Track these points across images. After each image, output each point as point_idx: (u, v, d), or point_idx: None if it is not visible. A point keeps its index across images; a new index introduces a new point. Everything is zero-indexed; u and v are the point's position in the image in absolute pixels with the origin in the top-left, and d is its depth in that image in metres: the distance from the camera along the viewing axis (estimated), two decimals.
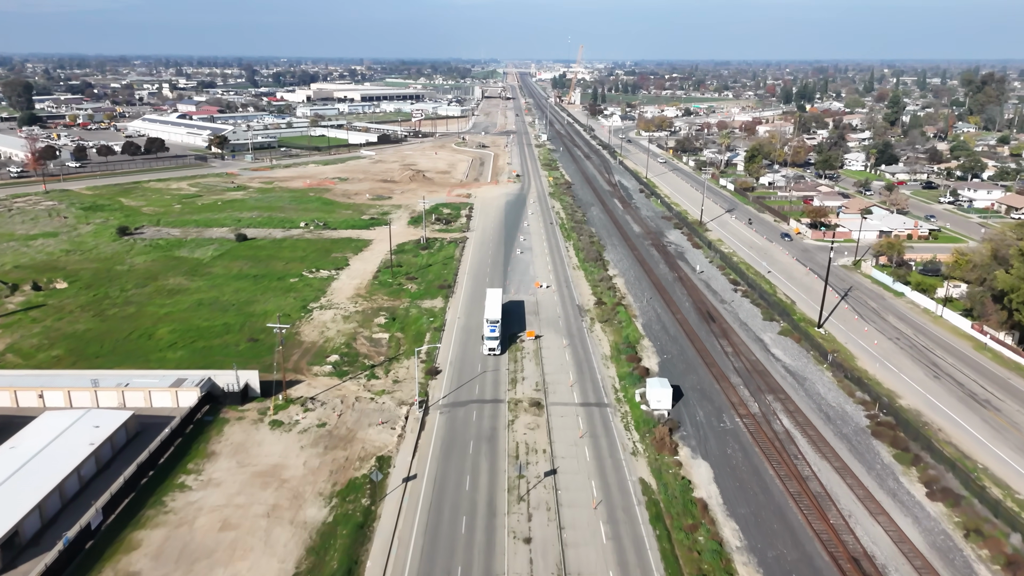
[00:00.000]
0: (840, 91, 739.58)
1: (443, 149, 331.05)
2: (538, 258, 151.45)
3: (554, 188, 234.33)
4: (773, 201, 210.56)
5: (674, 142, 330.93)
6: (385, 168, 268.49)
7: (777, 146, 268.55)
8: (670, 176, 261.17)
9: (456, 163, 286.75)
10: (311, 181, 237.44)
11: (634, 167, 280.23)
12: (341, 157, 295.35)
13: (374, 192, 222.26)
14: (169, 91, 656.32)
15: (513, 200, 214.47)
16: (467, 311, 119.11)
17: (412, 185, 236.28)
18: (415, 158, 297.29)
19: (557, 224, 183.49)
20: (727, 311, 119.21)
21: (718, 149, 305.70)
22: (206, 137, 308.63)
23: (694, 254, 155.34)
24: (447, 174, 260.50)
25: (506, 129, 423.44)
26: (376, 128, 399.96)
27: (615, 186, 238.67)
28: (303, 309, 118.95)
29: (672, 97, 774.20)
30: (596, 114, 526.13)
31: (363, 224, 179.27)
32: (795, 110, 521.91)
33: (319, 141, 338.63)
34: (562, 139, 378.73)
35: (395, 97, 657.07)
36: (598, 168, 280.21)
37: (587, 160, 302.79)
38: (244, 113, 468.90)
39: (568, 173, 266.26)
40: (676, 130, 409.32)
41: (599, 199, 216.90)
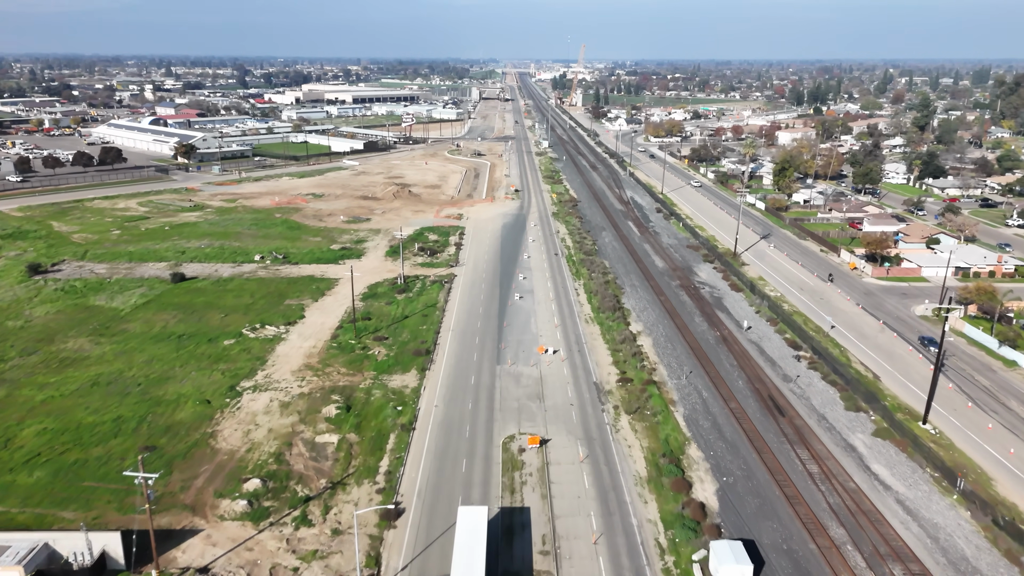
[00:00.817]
0: (851, 92, 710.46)
1: (434, 158, 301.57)
2: (541, 305, 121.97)
3: (558, 206, 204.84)
4: (814, 225, 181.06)
5: (688, 150, 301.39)
6: (367, 181, 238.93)
7: (806, 156, 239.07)
8: (688, 191, 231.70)
9: (448, 175, 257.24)
10: (280, 199, 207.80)
11: (646, 179, 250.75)
12: (320, 168, 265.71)
13: (351, 212, 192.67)
14: (151, 93, 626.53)
15: (511, 223, 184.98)
16: (448, 394, 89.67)
17: (396, 203, 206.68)
18: (402, 169, 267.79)
19: (563, 255, 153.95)
20: (795, 394, 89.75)
21: (739, 159, 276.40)
22: (173, 145, 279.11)
23: (734, 299, 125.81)
24: (437, 189, 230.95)
25: (504, 134, 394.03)
26: (363, 134, 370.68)
27: (628, 204, 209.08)
28: (230, 391, 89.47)
29: (677, 99, 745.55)
30: (600, 117, 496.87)
31: (331, 256, 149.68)
32: (811, 113, 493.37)
33: (299, 149, 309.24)
34: (565, 145, 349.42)
35: (388, 99, 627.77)
36: (606, 181, 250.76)
37: (593, 171, 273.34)
38: (224, 117, 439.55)
39: (573, 187, 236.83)
40: (687, 135, 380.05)
41: (611, 221, 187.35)
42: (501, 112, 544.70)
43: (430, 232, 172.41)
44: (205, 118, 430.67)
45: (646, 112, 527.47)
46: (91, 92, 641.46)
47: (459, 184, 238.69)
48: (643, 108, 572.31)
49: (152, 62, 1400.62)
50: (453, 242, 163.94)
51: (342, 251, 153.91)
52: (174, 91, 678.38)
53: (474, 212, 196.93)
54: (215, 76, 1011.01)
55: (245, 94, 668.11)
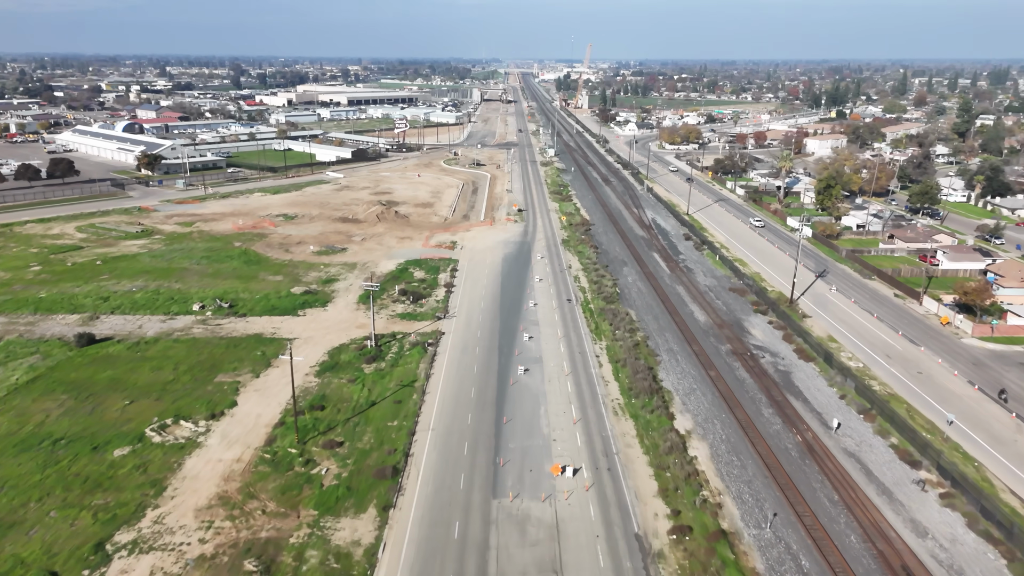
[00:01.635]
0: (868, 93, 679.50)
1: (429, 168, 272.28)
2: (553, 384, 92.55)
3: (569, 232, 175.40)
4: (877, 259, 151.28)
5: (711, 161, 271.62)
6: (350, 199, 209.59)
7: (848, 169, 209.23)
8: (717, 211, 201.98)
9: (442, 190, 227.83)
10: (244, 222, 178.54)
11: (667, 196, 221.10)
12: (298, 182, 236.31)
13: (324, 240, 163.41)
14: (136, 95, 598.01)
15: (514, 253, 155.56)
16: (419, 564, 60.19)
17: (379, 227, 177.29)
18: (391, 183, 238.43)
19: (578, 302, 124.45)
20: (937, 559, 60.13)
21: (770, 171, 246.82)
22: (138, 155, 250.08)
23: (806, 374, 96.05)
24: (428, 208, 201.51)
25: (506, 140, 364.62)
26: (353, 140, 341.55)
27: (650, 228, 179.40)
28: (96, 553, 60.22)
29: (687, 100, 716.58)
30: (608, 121, 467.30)
31: (290, 305, 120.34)
32: (833, 116, 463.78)
33: (280, 158, 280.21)
34: (572, 153, 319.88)
35: (385, 100, 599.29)
36: (621, 197, 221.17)
37: (606, 184, 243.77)
38: (206, 121, 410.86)
39: (584, 206, 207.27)
40: (705, 142, 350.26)
41: (632, 252, 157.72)
42: (503, 115, 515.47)
43: (416, 267, 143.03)
44: (187, 122, 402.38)
45: (657, 115, 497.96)
46: (76, 93, 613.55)
47: (454, 202, 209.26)
48: (653, 111, 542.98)
49: (151, 62, 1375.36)
50: (443, 281, 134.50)
51: (305, 296, 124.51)
52: (162, 92, 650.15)
53: (470, 239, 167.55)
54: (210, 76, 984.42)
55: (236, 95, 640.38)
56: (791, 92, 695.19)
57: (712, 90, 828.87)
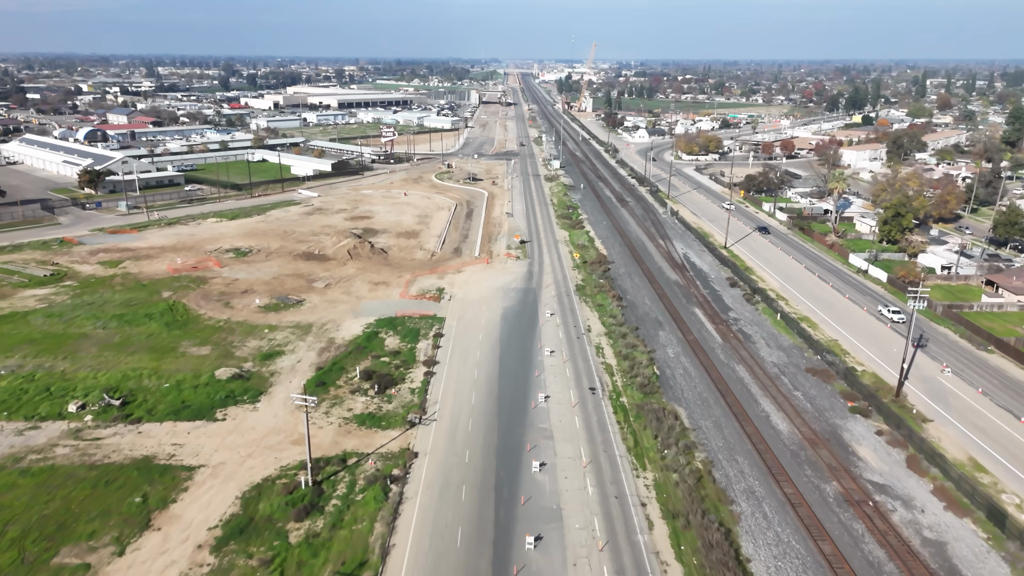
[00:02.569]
0: (884, 95, 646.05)
1: (418, 184, 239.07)
2: (581, 569, 59.39)
3: (583, 273, 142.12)
4: (981, 316, 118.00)
5: (738, 174, 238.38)
6: (320, 226, 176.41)
7: (914, 191, 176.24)
8: (759, 243, 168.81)
9: (431, 213, 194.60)
10: (184, 260, 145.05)
11: (695, 221, 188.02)
12: (263, 203, 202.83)
13: (278, 287, 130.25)
14: (115, 97, 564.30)
15: (516, 307, 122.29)
16: None
17: (350, 268, 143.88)
18: (372, 203, 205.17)
19: (604, 393, 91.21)
20: None
21: (813, 189, 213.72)
22: (80, 171, 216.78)
23: (973, 551, 62.76)
24: (413, 239, 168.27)
25: (506, 149, 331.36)
26: (337, 150, 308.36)
27: (683, 269, 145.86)
28: None
29: (694, 103, 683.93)
30: (615, 126, 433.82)
31: (209, 399, 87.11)
32: (859, 121, 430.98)
33: (255, 170, 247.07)
34: (579, 165, 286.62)
35: (378, 103, 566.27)
36: (642, 222, 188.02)
37: (621, 206, 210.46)
38: (179, 127, 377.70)
39: (599, 235, 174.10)
40: (725, 151, 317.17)
41: (666, 305, 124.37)
42: (503, 119, 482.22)
43: (389, 331, 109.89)
44: (158, 128, 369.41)
45: (667, 120, 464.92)
46: (54, 95, 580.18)
47: (444, 229, 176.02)
48: (662, 114, 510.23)
49: (144, 62, 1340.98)
50: (423, 354, 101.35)
51: (232, 384, 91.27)
52: (141, 95, 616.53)
53: (461, 284, 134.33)
54: (201, 77, 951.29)
55: (222, 97, 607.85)
56: (805, 94, 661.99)
57: (720, 92, 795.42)
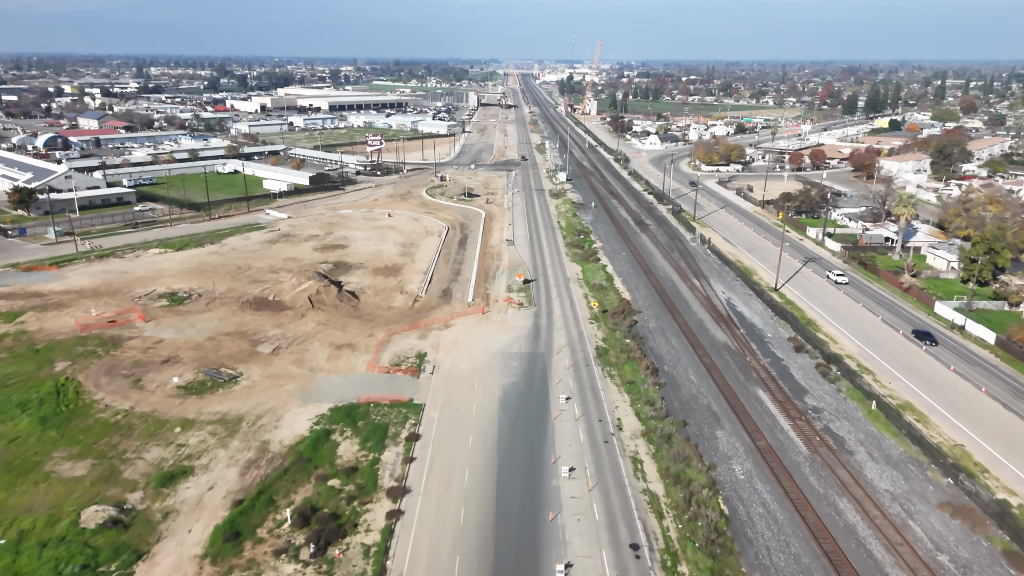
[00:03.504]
0: (901, 97, 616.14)
1: (406, 201, 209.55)
2: None
3: (604, 328, 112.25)
4: None
5: (766, 188, 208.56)
6: (283, 259, 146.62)
7: (990, 215, 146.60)
8: (815, 284, 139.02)
9: (418, 240, 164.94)
10: (102, 312, 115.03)
11: (732, 252, 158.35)
12: (220, 229, 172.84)
13: (212, 353, 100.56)
14: (92, 99, 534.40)
15: (518, 388, 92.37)
16: None
17: (308, 322, 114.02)
18: (350, 226, 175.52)
19: (656, 561, 61.45)
20: None
21: (865, 211, 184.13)
22: (9, 189, 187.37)
23: None
24: (393, 277, 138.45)
25: (506, 158, 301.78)
26: (320, 160, 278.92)
27: (730, 324, 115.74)
28: None
29: (702, 105, 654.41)
30: (622, 131, 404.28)
31: (57, 571, 57.71)
32: (886, 126, 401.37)
33: (217, 185, 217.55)
34: (588, 178, 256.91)
35: (371, 106, 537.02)
36: (668, 252, 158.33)
37: (641, 231, 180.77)
38: (151, 133, 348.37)
39: (618, 270, 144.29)
40: (748, 160, 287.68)
41: (719, 385, 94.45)
42: (502, 124, 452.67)
43: (346, 428, 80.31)
44: (128, 134, 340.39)
45: (677, 124, 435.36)
46: (34, 96, 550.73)
47: (432, 264, 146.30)
48: (670, 118, 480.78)
49: (139, 62, 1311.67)
50: (387, 475, 71.75)
51: (99, 538, 61.62)
52: (126, 96, 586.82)
53: (449, 346, 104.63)
54: (194, 77, 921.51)
55: (209, 99, 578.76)
56: (819, 96, 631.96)
57: (728, 93, 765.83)
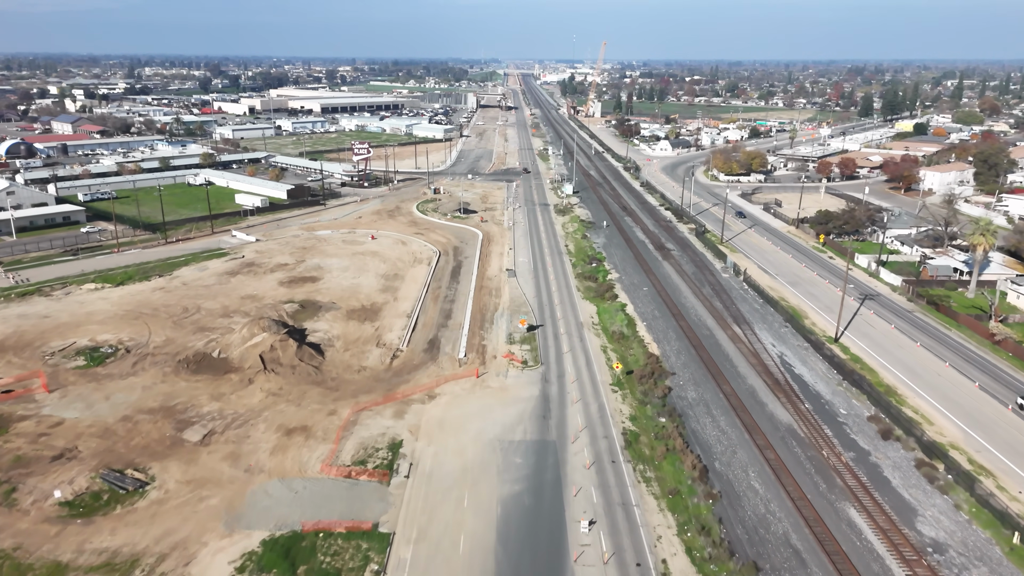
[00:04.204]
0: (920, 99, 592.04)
1: (394, 219, 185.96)
2: None
3: (633, 404, 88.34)
4: None
5: (806, 209, 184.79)
6: (240, 297, 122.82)
7: None
8: (881, 329, 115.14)
9: (403, 271, 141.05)
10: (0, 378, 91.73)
11: (774, 287, 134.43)
12: (173, 257, 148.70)
13: (121, 440, 76.75)
14: (72, 100, 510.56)
15: (523, 504, 68.33)
16: None
17: (256, 393, 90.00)
18: (326, 253, 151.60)
19: None
20: None
21: (920, 234, 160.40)
22: None
23: None
24: (370, 319, 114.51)
25: (505, 166, 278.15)
26: (303, 168, 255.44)
27: (790, 394, 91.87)
28: None
29: (709, 106, 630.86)
30: (629, 134, 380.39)
31: None
32: (910, 130, 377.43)
33: (187, 199, 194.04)
34: (597, 190, 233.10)
35: (365, 108, 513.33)
36: (697, 286, 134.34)
37: (663, 257, 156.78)
38: (125, 139, 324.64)
39: (641, 312, 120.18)
40: (770, 169, 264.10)
41: (791, 498, 70.96)
42: (502, 127, 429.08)
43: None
44: (100, 140, 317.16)
45: (687, 127, 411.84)
46: (13, 97, 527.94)
47: (418, 301, 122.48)
48: (678, 120, 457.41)
49: (134, 62, 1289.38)
50: None
51: None
52: (111, 97, 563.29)
53: (432, 431, 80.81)
54: (186, 78, 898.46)
55: (199, 100, 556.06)
56: (831, 97, 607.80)
57: (735, 94, 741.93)
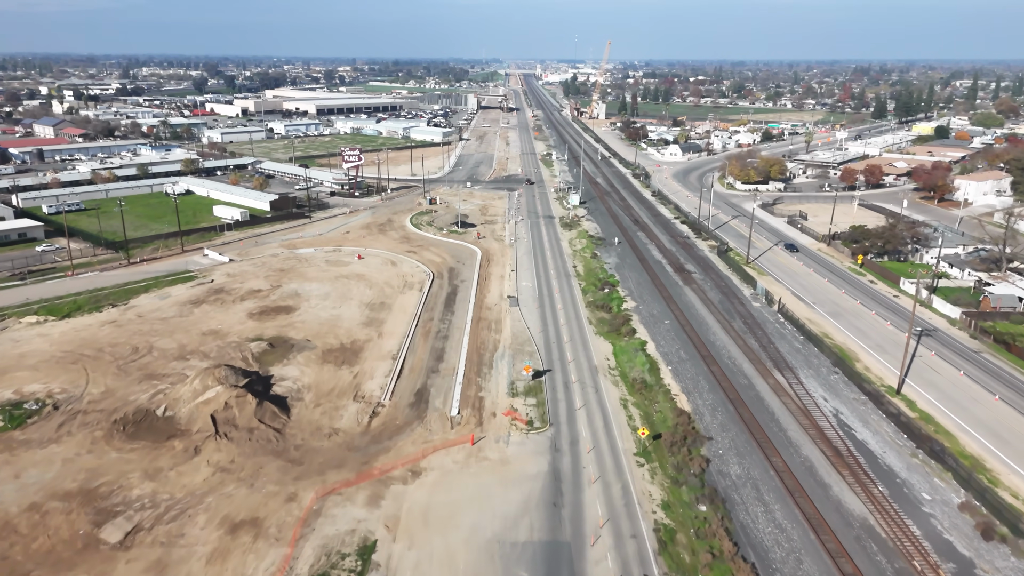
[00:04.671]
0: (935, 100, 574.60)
1: (384, 235, 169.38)
2: None
3: (664, 483, 71.52)
4: None
5: (836, 224, 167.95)
6: (200, 332, 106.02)
7: None
8: (948, 376, 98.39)
9: (391, 298, 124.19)
10: None
11: (814, 320, 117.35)
12: (134, 281, 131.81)
13: (23, 541, 60.05)
14: (60, 102, 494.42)
15: None
16: None
17: (201, 470, 72.82)
18: (306, 275, 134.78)
19: None
20: None
21: (970, 256, 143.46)
22: None
23: None
24: (348, 363, 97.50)
25: (507, 173, 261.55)
26: (291, 176, 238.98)
27: (857, 471, 75.08)
28: None
29: (715, 107, 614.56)
30: (636, 138, 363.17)
31: None
32: (931, 133, 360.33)
33: (160, 210, 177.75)
34: (605, 200, 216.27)
35: (362, 109, 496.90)
36: (725, 319, 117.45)
37: (683, 282, 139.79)
38: (106, 144, 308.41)
39: (664, 351, 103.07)
40: (789, 177, 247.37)
41: None
42: (503, 130, 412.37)
43: None
44: (80, 144, 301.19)
45: (696, 130, 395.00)
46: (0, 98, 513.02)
47: (406, 338, 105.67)
48: (687, 123, 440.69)
49: (133, 62, 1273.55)
50: None
51: None
52: (101, 99, 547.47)
53: (414, 524, 64.07)
54: (183, 78, 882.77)
55: (192, 101, 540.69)
56: (841, 98, 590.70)
57: (742, 95, 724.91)
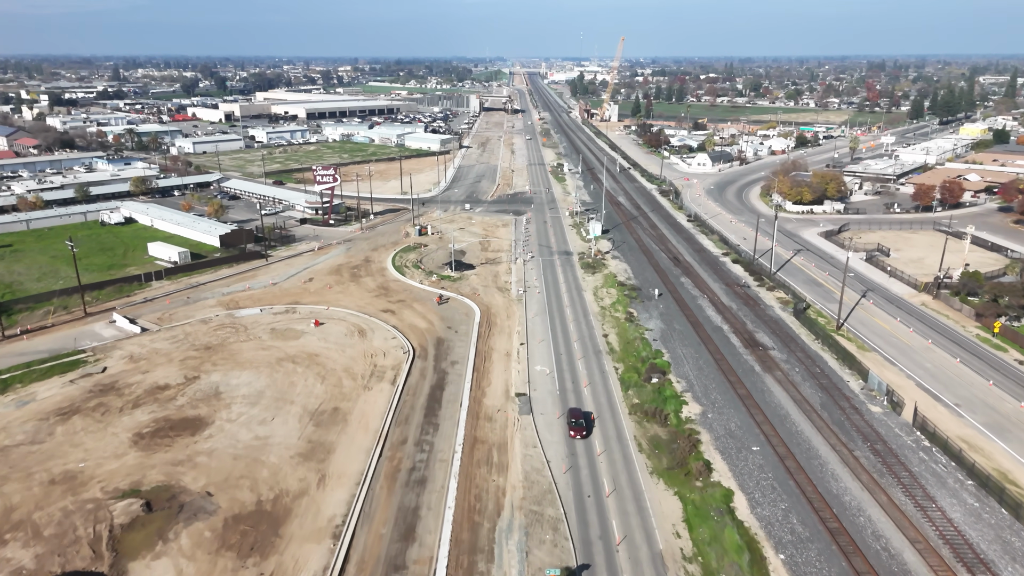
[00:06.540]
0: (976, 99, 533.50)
1: (357, 282, 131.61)
2: None
3: None
4: None
5: (930, 262, 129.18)
6: (49, 478, 68.46)
7: None
8: None
9: (347, 398, 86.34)
10: None
11: (974, 446, 78.97)
12: (37, 355, 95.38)
13: None
14: (29, 108, 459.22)
15: None
16: None
17: None
18: (239, 355, 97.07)
19: None
20: None
21: None
22: None
23: None
24: (259, 549, 60.11)
25: (512, 190, 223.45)
26: (259, 196, 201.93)
27: None
28: None
29: (732, 107, 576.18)
30: (656, 144, 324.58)
31: None
32: (988, 136, 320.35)
33: (88, 248, 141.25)
34: (632, 228, 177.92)
35: (356, 112, 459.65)
36: (839, 442, 79.73)
37: (763, 368, 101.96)
38: (57, 157, 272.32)
39: (764, 517, 65.01)
40: (847, 194, 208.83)
41: None
42: (508, 135, 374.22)
43: None
44: (26, 159, 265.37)
45: (720, 134, 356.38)
46: None
47: (360, 484, 67.92)
48: (708, 125, 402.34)
49: (131, 63, 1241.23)
50: None
51: None
52: (79, 103, 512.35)
53: None
54: (177, 79, 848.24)
55: (177, 104, 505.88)
56: (870, 98, 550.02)
57: (759, 93, 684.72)
